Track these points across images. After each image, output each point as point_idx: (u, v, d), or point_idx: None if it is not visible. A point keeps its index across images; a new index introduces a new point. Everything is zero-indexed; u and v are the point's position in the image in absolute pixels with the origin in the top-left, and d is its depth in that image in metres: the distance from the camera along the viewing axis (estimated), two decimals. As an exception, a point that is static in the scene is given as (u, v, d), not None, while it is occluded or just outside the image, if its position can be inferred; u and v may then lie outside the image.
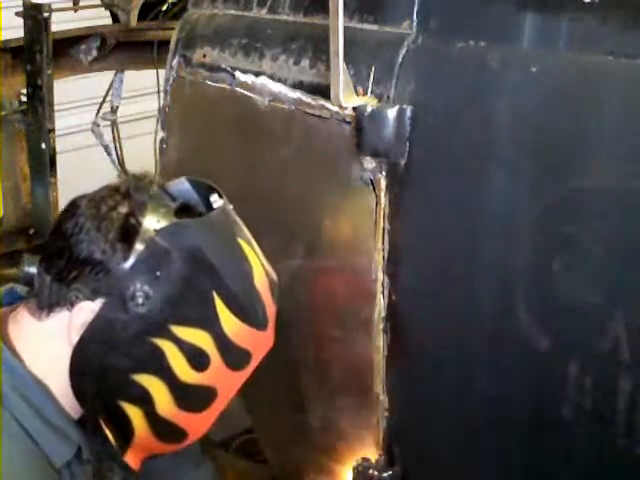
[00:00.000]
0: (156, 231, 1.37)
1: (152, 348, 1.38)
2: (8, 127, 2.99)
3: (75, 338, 1.38)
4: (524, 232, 1.47)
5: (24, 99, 2.96)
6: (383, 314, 1.69)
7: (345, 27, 1.61)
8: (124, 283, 1.36)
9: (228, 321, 1.41)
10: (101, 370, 1.39)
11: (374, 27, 1.70)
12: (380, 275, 1.67)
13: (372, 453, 1.80)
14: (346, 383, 1.82)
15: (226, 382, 1.46)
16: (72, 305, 1.38)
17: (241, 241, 1.47)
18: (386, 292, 1.68)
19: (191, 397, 1.43)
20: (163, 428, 1.44)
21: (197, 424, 1.48)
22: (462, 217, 1.56)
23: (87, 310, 1.38)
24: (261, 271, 1.48)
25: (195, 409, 1.45)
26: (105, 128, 3.42)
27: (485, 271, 1.54)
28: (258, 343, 1.49)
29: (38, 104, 2.87)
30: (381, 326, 1.70)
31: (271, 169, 1.86)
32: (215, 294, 1.40)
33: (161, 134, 2.16)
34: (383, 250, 1.66)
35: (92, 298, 1.37)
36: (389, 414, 1.75)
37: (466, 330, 1.59)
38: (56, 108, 2.94)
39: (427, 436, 1.73)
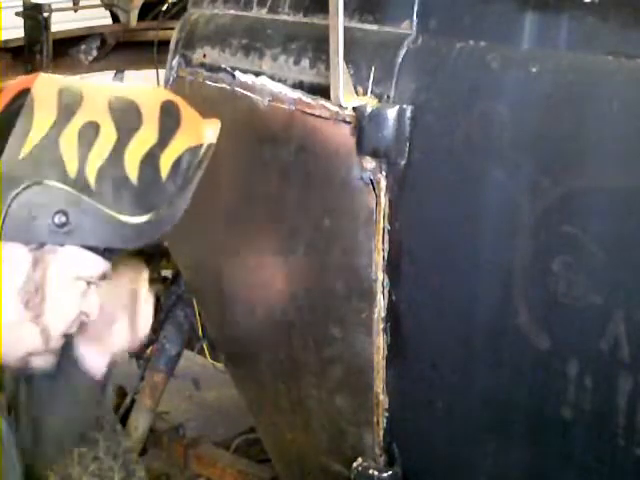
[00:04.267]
0: None
1: None
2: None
3: None
4: (524, 232, 1.47)
5: (24, 99, 2.95)
6: (383, 314, 1.69)
7: (345, 27, 1.61)
8: None
9: None
10: None
11: (374, 27, 1.70)
12: (380, 275, 1.67)
13: (372, 453, 1.80)
14: (346, 383, 1.82)
15: None
16: None
17: None
18: (386, 292, 1.68)
19: None
20: None
21: None
22: (462, 217, 1.56)
23: None
24: None
25: None
26: (105, 128, 3.41)
27: (485, 271, 1.54)
28: None
29: (38, 104, 2.87)
30: (381, 326, 1.70)
31: (271, 169, 1.86)
32: None
33: (161, 134, 2.16)
34: (383, 250, 1.66)
35: None
36: (389, 414, 1.75)
37: (466, 330, 1.59)
38: (56, 108, 2.93)
39: (427, 436, 1.73)
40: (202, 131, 1.49)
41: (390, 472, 1.78)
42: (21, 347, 1.43)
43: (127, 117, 1.41)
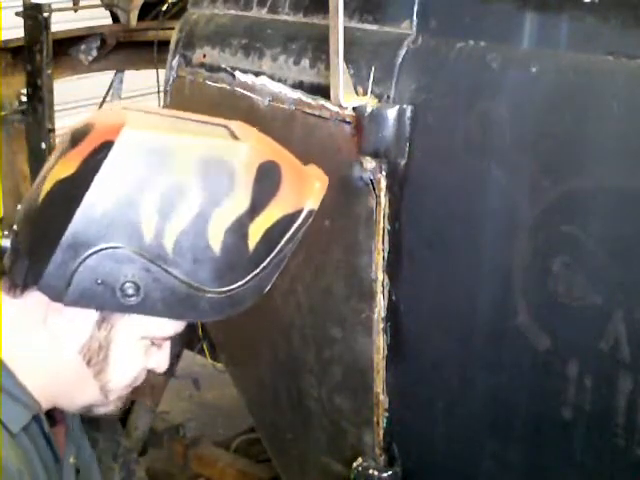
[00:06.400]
0: None
1: None
2: (8, 127, 2.99)
3: (52, 317, 1.31)
4: (524, 232, 1.47)
5: (24, 99, 2.96)
6: (383, 314, 1.69)
7: (345, 27, 1.61)
8: None
9: None
10: None
11: (374, 27, 1.70)
12: (380, 275, 1.67)
13: (372, 453, 1.80)
14: (346, 383, 1.82)
15: None
16: None
17: None
18: (386, 292, 1.68)
19: None
20: None
21: None
22: (462, 217, 1.56)
23: None
24: None
25: None
26: (105, 128, 3.41)
27: (485, 271, 1.54)
28: None
29: (38, 104, 2.88)
30: (381, 326, 1.70)
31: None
32: None
33: (161, 134, 2.16)
34: (383, 250, 1.66)
35: None
36: (389, 414, 1.75)
37: (466, 330, 1.59)
38: (56, 108, 2.94)
39: (427, 436, 1.73)
40: (304, 194, 1.36)
41: (390, 472, 1.78)
42: (81, 401, 1.39)
43: (217, 180, 1.27)
